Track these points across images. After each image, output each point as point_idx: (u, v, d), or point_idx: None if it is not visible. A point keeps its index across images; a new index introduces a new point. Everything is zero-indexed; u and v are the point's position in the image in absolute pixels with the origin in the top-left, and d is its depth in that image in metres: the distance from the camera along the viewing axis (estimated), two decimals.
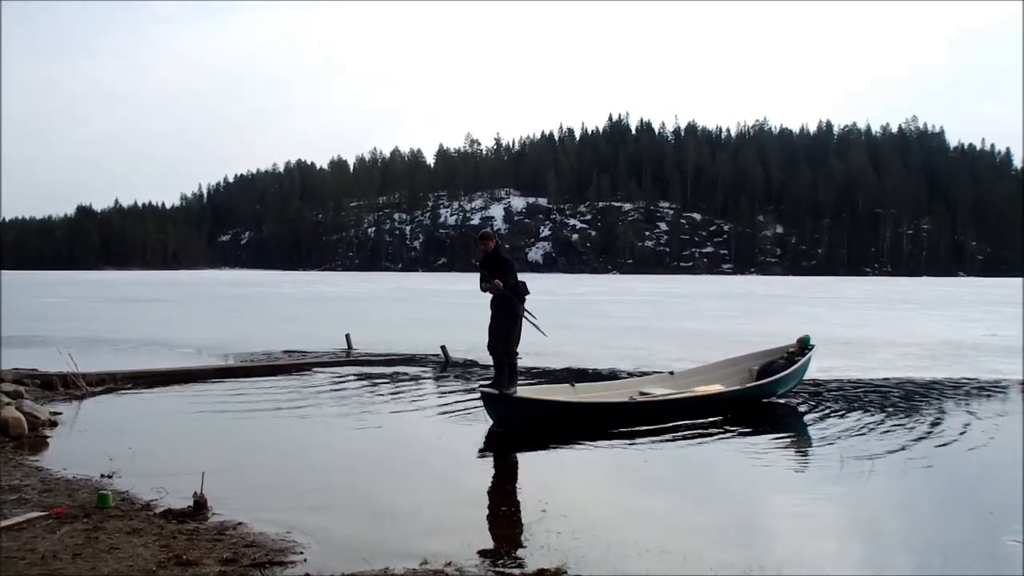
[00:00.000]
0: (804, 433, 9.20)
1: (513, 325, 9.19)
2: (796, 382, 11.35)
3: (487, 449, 8.35)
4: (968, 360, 15.75)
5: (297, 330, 22.67)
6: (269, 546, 5.05)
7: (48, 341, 17.78)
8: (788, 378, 10.98)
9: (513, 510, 6.15)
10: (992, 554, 5.21)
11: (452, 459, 7.88)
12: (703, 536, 5.53)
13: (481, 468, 7.62)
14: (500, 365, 9.22)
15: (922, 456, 7.89)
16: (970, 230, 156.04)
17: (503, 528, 5.66)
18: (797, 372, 11.15)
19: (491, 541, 5.30)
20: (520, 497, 6.53)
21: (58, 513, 5.57)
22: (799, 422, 9.83)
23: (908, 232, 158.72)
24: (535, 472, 7.62)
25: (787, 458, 8.00)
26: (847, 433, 8.94)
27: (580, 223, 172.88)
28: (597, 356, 15.65)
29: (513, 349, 9.24)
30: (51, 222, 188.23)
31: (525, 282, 9.38)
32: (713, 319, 28.49)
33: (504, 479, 7.22)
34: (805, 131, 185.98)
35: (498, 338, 9.22)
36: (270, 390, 11.94)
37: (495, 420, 9.23)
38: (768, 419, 10.06)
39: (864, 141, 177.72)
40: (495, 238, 9.66)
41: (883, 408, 10.42)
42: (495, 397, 9.13)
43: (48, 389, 11.20)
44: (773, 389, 10.90)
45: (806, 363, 11.37)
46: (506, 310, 9.18)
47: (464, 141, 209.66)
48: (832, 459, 7.75)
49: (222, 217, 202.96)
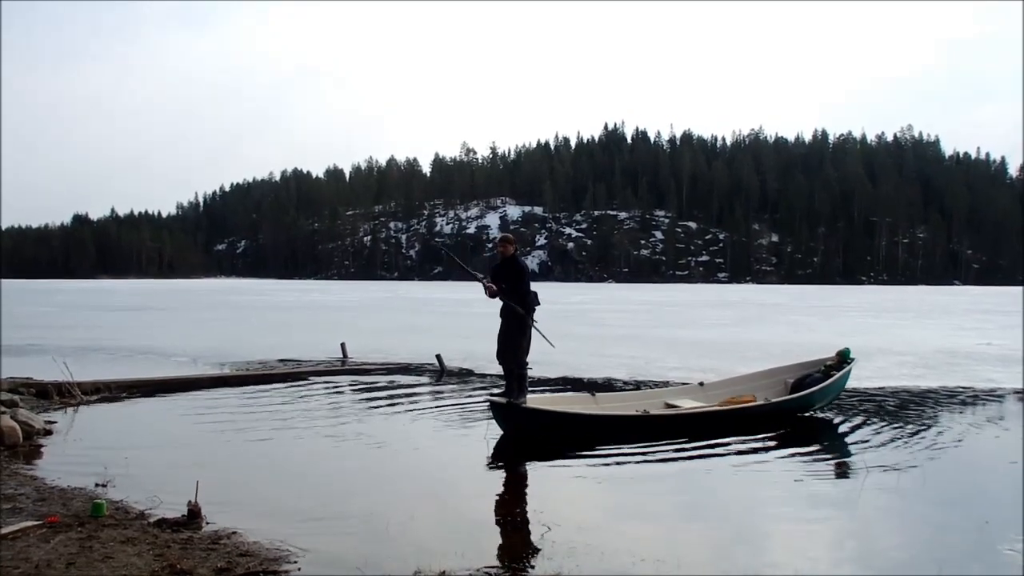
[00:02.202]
0: (800, 442, 9.18)
1: (522, 335, 9.06)
2: (833, 396, 10.83)
3: (483, 459, 8.32)
4: (963, 369, 15.77)
5: (292, 339, 22.64)
6: (263, 555, 5.04)
7: (43, 349, 17.76)
8: (824, 391, 10.46)
9: (509, 519, 6.14)
10: (988, 563, 5.21)
11: (447, 469, 7.86)
12: (698, 545, 5.53)
13: (477, 478, 7.60)
14: (509, 375, 9.13)
15: (917, 465, 7.89)
16: (965, 239, 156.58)
17: (498, 537, 5.66)
18: (833, 386, 10.63)
19: (486, 550, 5.29)
20: (516, 506, 6.52)
21: (52, 522, 5.56)
22: (795, 431, 9.79)
23: (904, 241, 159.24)
24: (532, 482, 7.60)
25: (783, 468, 7.97)
26: (842, 443, 8.95)
27: (576, 232, 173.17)
28: (592, 365, 15.65)
29: (522, 359, 9.11)
30: (47, 230, 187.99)
31: (537, 292, 9.20)
32: (708, 328, 28.50)
33: (500, 489, 7.20)
34: (800, 139, 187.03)
35: (507, 348, 9.11)
36: (265, 399, 11.92)
37: (504, 430, 9.13)
38: (765, 429, 9.93)
39: (859, 149, 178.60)
40: (515, 244, 9.43)
41: (878, 417, 10.43)
42: (503, 407, 9.04)
43: (43, 398, 11.18)
44: (806, 403, 10.39)
45: (844, 376, 10.86)
46: (515, 320, 9.04)
47: (460, 150, 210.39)
48: (827, 468, 7.77)
49: (218, 225, 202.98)
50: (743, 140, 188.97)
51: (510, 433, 9.09)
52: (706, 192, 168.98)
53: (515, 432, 9.08)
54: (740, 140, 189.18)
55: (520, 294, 9.03)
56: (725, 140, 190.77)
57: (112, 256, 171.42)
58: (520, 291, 9.03)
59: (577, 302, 51.58)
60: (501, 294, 9.00)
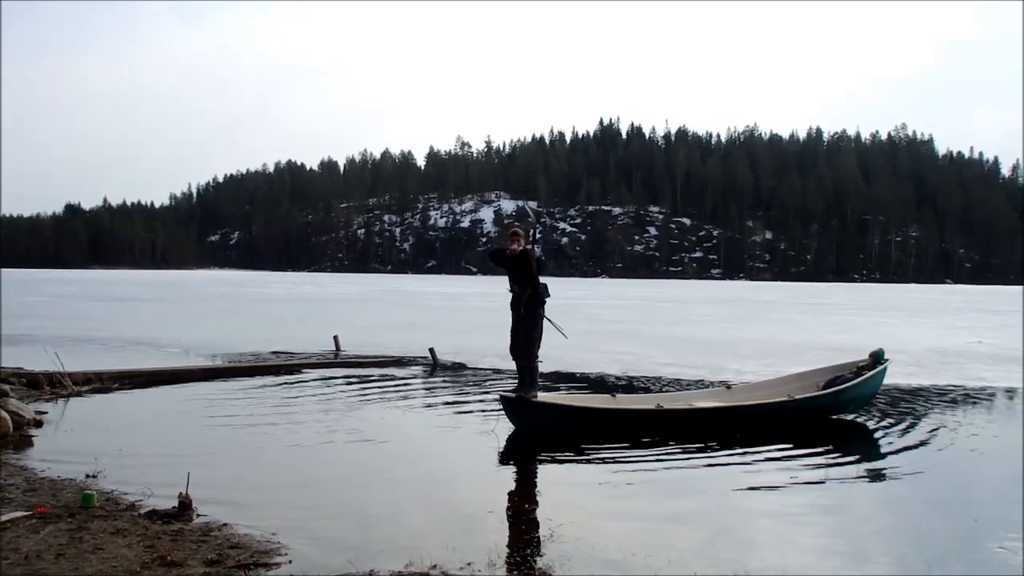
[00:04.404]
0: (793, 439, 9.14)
1: (533, 328, 9.01)
2: (867, 398, 10.49)
3: (476, 453, 8.30)
4: (954, 367, 15.82)
5: (285, 331, 22.59)
6: (254, 547, 5.03)
7: (34, 340, 17.68)
8: (855, 390, 10.00)
9: (500, 513, 6.13)
10: (976, 560, 5.23)
11: (439, 462, 7.85)
12: (689, 541, 5.54)
13: (469, 472, 7.58)
14: (521, 369, 9.08)
15: (906, 463, 7.92)
16: (958, 238, 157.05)
17: (490, 533, 5.64)
18: (865, 385, 10.17)
19: (477, 544, 5.28)
20: (508, 501, 6.50)
21: (42, 513, 5.53)
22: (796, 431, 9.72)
23: (896, 239, 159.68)
24: (530, 478, 7.58)
25: (775, 465, 7.95)
26: (833, 440, 8.96)
27: (570, 227, 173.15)
28: (585, 360, 15.65)
29: (533, 352, 9.05)
30: (39, 220, 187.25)
31: (547, 284, 9.16)
32: (702, 324, 28.55)
33: (495, 484, 7.18)
34: (795, 137, 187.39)
35: (519, 342, 9.07)
36: (257, 391, 11.89)
37: (515, 425, 9.07)
38: (791, 429, 9.42)
39: (854, 148, 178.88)
40: (525, 238, 9.31)
41: (869, 415, 10.44)
42: (513, 401, 8.99)
43: (34, 388, 11.13)
44: (834, 402, 9.95)
45: (877, 377, 10.42)
46: (529, 314, 8.99)
47: (455, 143, 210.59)
48: (817, 465, 7.78)
49: (211, 217, 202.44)
50: (738, 137, 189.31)
51: (520, 427, 9.03)
52: (700, 188, 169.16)
53: (525, 426, 9.02)
54: (735, 137, 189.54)
55: (538, 284, 8.99)
56: (720, 137, 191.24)
57: (105, 247, 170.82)
58: (536, 283, 8.98)
59: (570, 297, 51.57)
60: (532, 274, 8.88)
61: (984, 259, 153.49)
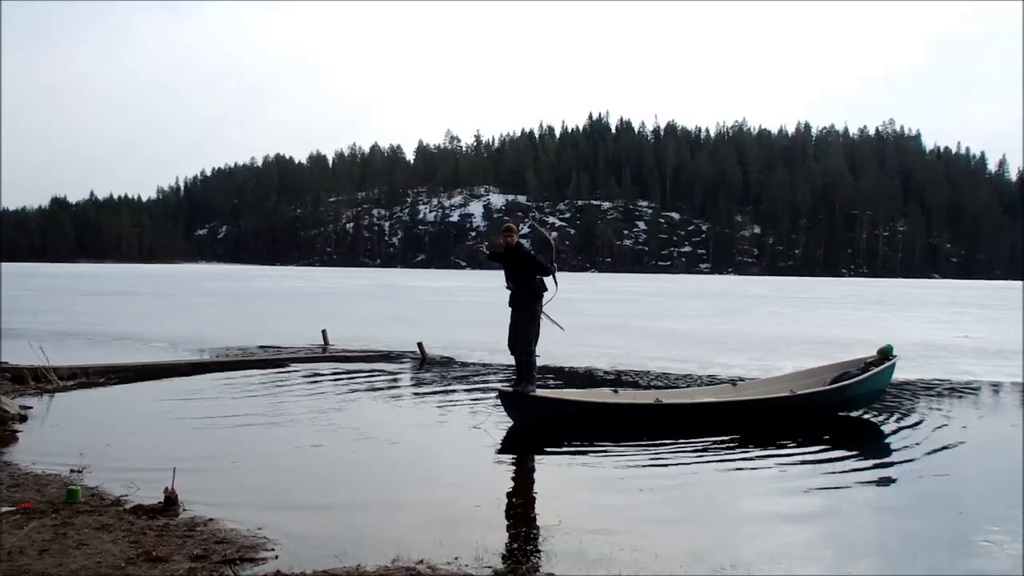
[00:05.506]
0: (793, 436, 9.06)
1: (532, 322, 9.02)
2: (875, 394, 10.33)
3: (464, 447, 8.28)
4: (940, 361, 15.90)
5: (273, 325, 22.53)
6: (240, 543, 5.01)
7: (19, 334, 17.56)
8: (860, 386, 9.85)
9: (488, 509, 6.11)
10: (961, 553, 5.26)
11: (427, 457, 7.83)
12: (678, 536, 5.55)
13: (456, 466, 7.57)
14: (520, 364, 9.09)
15: (892, 457, 7.96)
16: (945, 233, 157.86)
17: (477, 526, 5.63)
18: (871, 381, 9.99)
19: (464, 539, 5.27)
20: (496, 496, 6.48)
21: (26, 508, 5.50)
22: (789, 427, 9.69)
23: (884, 234, 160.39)
24: (514, 472, 7.57)
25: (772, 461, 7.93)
26: (819, 434, 8.98)
27: (559, 221, 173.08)
28: (573, 354, 15.64)
29: (531, 347, 9.05)
30: (24, 213, 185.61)
31: (543, 279, 9.18)
32: (690, 318, 28.61)
33: (480, 478, 7.17)
34: (783, 132, 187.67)
35: (517, 336, 9.08)
36: (245, 386, 11.85)
37: (514, 420, 9.04)
38: (795, 425, 9.29)
39: (842, 143, 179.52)
40: (517, 233, 9.39)
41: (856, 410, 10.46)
42: (511, 396, 8.99)
43: (18, 383, 11.06)
44: (839, 397, 9.80)
45: (884, 373, 10.19)
46: (527, 309, 9.02)
47: (444, 137, 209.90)
48: (804, 461, 7.80)
49: (199, 210, 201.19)
50: (727, 132, 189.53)
51: (519, 422, 9.00)
52: (689, 183, 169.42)
53: (523, 421, 9.00)
54: (724, 132, 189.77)
55: (534, 279, 9.04)
56: (709, 131, 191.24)
57: (91, 240, 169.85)
58: (534, 277, 9.04)
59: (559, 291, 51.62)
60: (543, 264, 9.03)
61: (971, 254, 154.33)
